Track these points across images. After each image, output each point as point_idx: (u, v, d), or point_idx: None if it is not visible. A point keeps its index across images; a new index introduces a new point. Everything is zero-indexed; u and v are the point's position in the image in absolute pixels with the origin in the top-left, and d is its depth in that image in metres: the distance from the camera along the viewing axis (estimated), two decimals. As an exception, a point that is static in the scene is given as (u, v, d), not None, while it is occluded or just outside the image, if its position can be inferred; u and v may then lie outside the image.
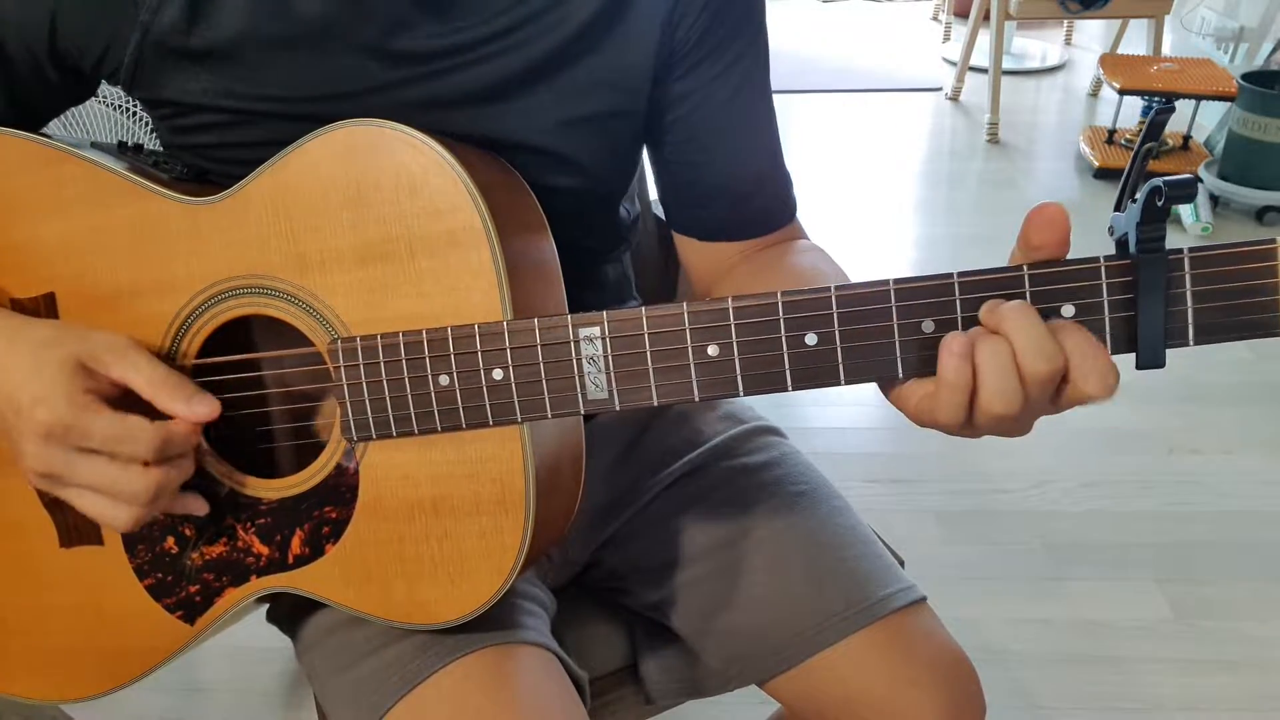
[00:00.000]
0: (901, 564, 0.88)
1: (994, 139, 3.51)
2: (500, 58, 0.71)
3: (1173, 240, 0.52)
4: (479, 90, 0.72)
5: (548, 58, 0.71)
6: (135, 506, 0.65)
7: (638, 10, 0.72)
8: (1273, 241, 0.52)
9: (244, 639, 1.10)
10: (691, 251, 0.86)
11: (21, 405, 0.63)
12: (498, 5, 0.70)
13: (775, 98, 0.82)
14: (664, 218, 0.89)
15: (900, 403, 0.61)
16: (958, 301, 0.56)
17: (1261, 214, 2.88)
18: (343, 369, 0.67)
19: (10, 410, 0.64)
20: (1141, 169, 0.56)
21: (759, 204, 0.84)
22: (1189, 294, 0.53)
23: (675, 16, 0.73)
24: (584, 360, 0.62)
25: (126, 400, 0.65)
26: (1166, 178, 0.51)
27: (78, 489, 0.65)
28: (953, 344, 0.55)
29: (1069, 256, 0.55)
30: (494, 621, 0.73)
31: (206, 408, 0.66)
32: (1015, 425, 0.57)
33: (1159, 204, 0.52)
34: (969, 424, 0.57)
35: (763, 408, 0.97)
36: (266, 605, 0.88)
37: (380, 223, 0.65)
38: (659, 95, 0.76)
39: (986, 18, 3.47)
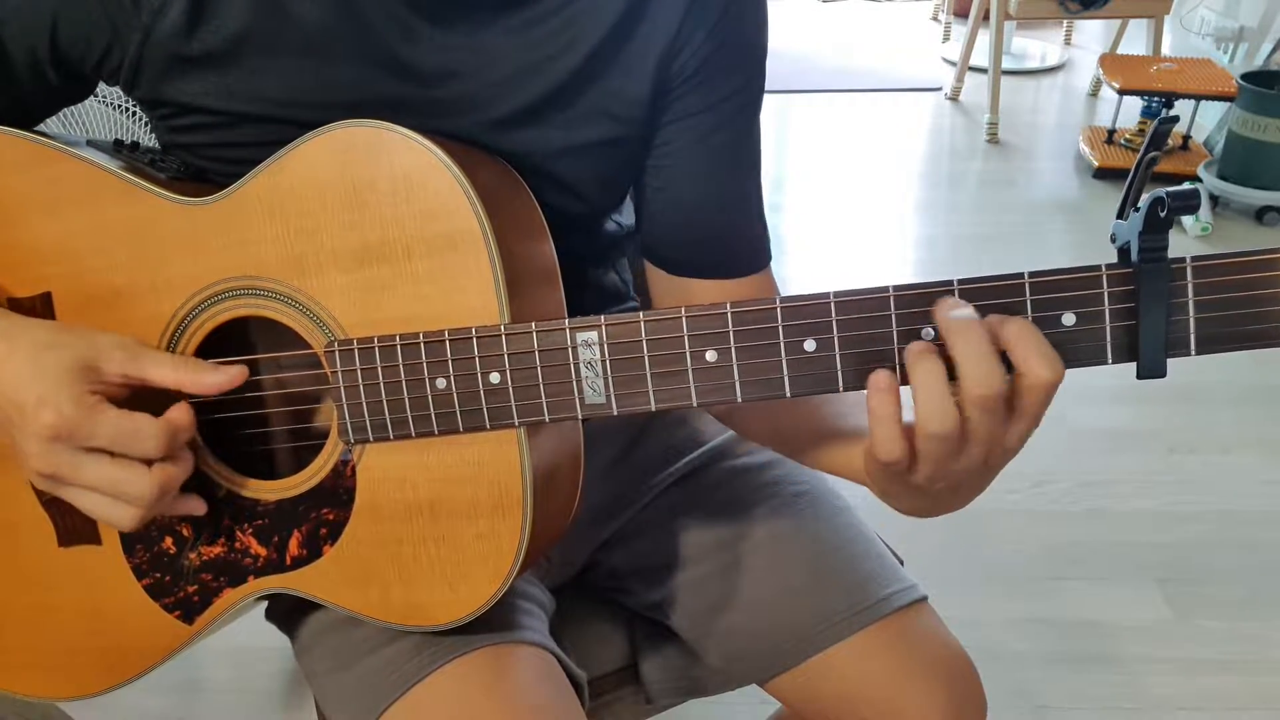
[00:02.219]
0: (901, 564, 0.88)
1: (994, 139, 3.50)
2: (505, 98, 0.70)
3: (1172, 240, 0.52)
4: (483, 125, 0.71)
5: (552, 93, 0.70)
6: (138, 507, 0.65)
7: (640, 39, 0.71)
8: (1275, 251, 0.51)
9: (244, 639, 1.10)
10: (657, 282, 0.83)
11: (26, 406, 0.62)
12: (502, 24, 0.69)
13: (775, 98, 0.81)
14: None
15: (859, 475, 0.62)
16: (958, 308, 0.55)
17: (1261, 214, 2.88)
18: (339, 372, 0.66)
19: (14, 410, 0.63)
20: (1145, 178, 0.56)
21: (727, 246, 0.80)
22: (1191, 304, 0.53)
23: (676, 45, 0.71)
24: (582, 365, 0.62)
25: (127, 400, 0.65)
26: (1170, 189, 0.51)
27: (80, 489, 0.65)
28: (879, 380, 0.55)
29: (1070, 265, 0.54)
30: (492, 621, 0.73)
31: (233, 372, 0.67)
32: (963, 462, 0.57)
33: (1162, 215, 0.51)
34: (914, 464, 0.57)
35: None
36: (265, 604, 0.88)
37: (377, 224, 0.65)
38: (652, 120, 0.75)
39: (986, 17, 3.46)
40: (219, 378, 0.67)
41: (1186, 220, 2.83)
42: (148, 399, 0.66)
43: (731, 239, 0.81)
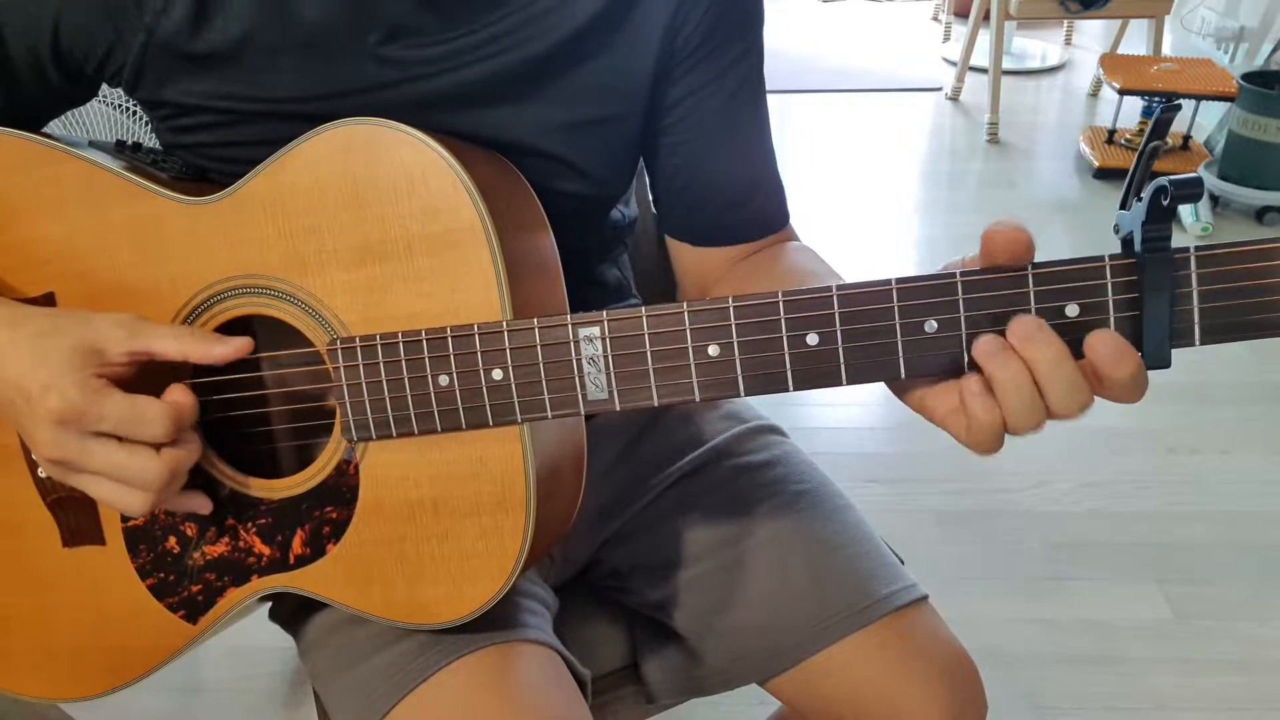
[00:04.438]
0: (901, 564, 0.88)
1: (994, 139, 3.50)
2: (500, 56, 0.71)
3: (1173, 241, 0.52)
4: (478, 87, 0.71)
5: (548, 57, 0.71)
6: (149, 491, 0.65)
7: (640, 14, 0.72)
8: (1278, 241, 0.51)
9: (244, 639, 1.10)
10: (683, 255, 0.86)
11: (31, 393, 0.62)
12: (502, 7, 0.70)
13: (775, 98, 0.82)
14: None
15: (924, 412, 0.60)
16: (960, 301, 0.55)
17: (1261, 214, 2.88)
18: (342, 369, 0.66)
19: (20, 399, 0.63)
20: (1148, 167, 0.55)
21: (751, 210, 0.84)
22: (1195, 293, 0.53)
23: (677, 21, 0.73)
24: (584, 360, 0.62)
25: (131, 383, 0.65)
26: (1172, 177, 0.51)
27: (90, 475, 0.65)
28: (971, 385, 0.56)
29: (1073, 255, 0.54)
30: (496, 620, 0.73)
31: (238, 343, 0.67)
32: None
33: (1165, 203, 0.51)
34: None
35: (764, 407, 0.97)
36: (268, 604, 0.88)
37: (379, 222, 0.65)
38: (657, 98, 0.77)
39: (986, 18, 3.47)
40: (225, 348, 0.66)
41: (1187, 220, 2.84)
42: (151, 382, 0.66)
43: (756, 203, 0.84)
